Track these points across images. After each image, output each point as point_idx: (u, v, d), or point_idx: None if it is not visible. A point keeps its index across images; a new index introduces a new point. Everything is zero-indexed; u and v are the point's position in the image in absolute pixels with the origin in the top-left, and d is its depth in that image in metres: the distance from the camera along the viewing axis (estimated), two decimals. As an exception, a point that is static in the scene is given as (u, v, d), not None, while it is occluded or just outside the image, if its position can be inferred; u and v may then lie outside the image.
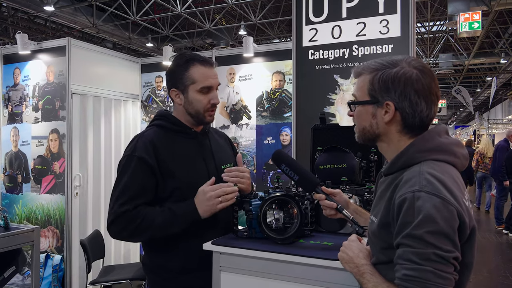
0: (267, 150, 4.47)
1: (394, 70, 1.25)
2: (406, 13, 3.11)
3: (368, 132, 1.32)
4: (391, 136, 1.29)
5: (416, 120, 1.24)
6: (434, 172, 1.14)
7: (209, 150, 1.98)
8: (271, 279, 1.61)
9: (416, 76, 1.23)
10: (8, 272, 2.29)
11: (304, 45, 3.42)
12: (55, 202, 4.27)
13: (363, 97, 1.31)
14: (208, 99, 1.90)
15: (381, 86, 1.26)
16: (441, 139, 1.25)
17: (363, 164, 2.31)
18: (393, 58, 1.29)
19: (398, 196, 1.14)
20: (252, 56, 4.56)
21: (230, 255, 1.67)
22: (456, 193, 1.12)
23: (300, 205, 1.71)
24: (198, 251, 1.74)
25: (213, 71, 1.92)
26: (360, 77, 1.33)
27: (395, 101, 1.24)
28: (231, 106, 4.69)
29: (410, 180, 1.15)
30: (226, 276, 1.68)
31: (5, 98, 4.68)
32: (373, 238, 1.28)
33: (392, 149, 1.30)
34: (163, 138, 1.90)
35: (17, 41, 4.42)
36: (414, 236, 1.07)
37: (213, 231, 1.85)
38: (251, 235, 1.75)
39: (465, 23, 9.60)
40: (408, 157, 1.23)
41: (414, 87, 1.22)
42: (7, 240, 2.26)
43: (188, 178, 1.86)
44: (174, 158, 1.86)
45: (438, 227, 1.06)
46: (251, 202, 1.76)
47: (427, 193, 1.09)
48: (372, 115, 1.30)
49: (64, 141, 4.24)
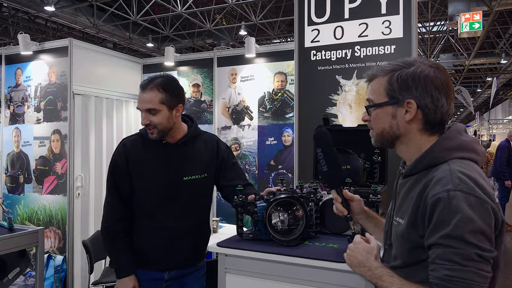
0: (269, 151, 4.47)
1: (411, 69, 1.26)
2: (408, 14, 3.10)
3: (388, 133, 1.31)
4: (412, 135, 1.28)
5: (438, 116, 1.25)
6: (465, 171, 1.14)
7: (176, 161, 2.09)
8: (276, 281, 1.60)
9: (434, 73, 1.24)
10: (13, 274, 2.29)
11: (306, 45, 3.41)
12: (57, 203, 4.26)
13: (380, 99, 1.30)
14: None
15: (401, 85, 1.26)
16: (462, 137, 1.25)
17: (367, 165, 2.31)
18: (406, 59, 1.30)
19: (431, 195, 1.14)
20: (254, 57, 4.56)
21: (235, 257, 1.66)
22: (488, 190, 1.13)
23: (305, 207, 1.71)
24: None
25: (142, 95, 2.03)
26: (374, 80, 1.33)
27: (417, 99, 1.24)
28: (233, 106, 4.69)
29: (442, 179, 1.15)
30: (232, 278, 1.68)
31: (7, 99, 4.67)
32: (399, 240, 1.27)
33: (412, 150, 1.29)
34: (139, 144, 2.12)
35: (19, 42, 4.42)
36: (454, 237, 1.07)
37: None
38: (256, 237, 1.75)
39: (465, 23, 9.60)
40: (434, 156, 1.23)
41: (434, 83, 1.24)
42: (12, 241, 2.25)
43: (143, 183, 2.07)
44: (138, 163, 2.08)
45: (477, 226, 1.07)
46: (256, 204, 1.76)
47: (462, 192, 1.10)
48: (392, 115, 1.29)
49: (66, 142, 4.24)
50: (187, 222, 2.14)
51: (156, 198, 2.09)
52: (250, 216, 1.77)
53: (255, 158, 4.55)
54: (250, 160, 4.56)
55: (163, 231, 2.10)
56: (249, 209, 1.77)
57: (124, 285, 2.07)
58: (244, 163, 4.59)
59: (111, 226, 2.12)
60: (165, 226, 2.10)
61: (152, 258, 2.12)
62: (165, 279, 2.12)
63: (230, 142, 4.67)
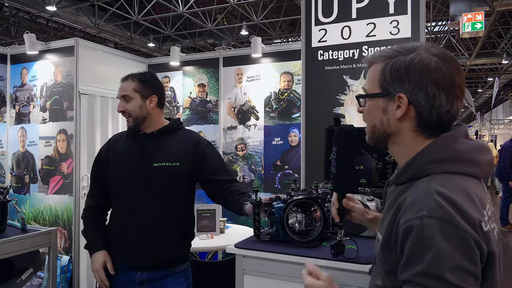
0: (275, 151, 4.46)
1: (409, 57, 1.05)
2: (416, 14, 3.11)
3: (379, 130, 1.12)
4: (404, 136, 1.08)
5: (434, 116, 1.03)
6: (445, 192, 0.93)
7: (149, 149, 2.15)
8: (295, 283, 1.60)
9: (436, 64, 1.02)
10: (26, 274, 2.28)
11: (313, 45, 3.41)
12: (63, 203, 4.25)
13: (373, 89, 1.11)
14: None
15: (394, 75, 1.06)
16: (457, 145, 1.02)
17: (379, 166, 2.31)
18: (411, 44, 1.08)
19: (403, 221, 0.95)
20: (260, 57, 4.55)
21: (253, 258, 1.66)
22: (472, 216, 0.92)
23: (323, 208, 1.70)
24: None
25: (120, 86, 2.19)
26: (371, 66, 1.13)
27: (409, 93, 1.04)
28: (239, 106, 4.68)
29: (417, 202, 0.95)
30: (250, 280, 1.67)
31: (12, 98, 4.66)
32: (379, 258, 1.09)
33: (403, 152, 1.09)
34: (124, 137, 2.26)
35: (25, 41, 4.41)
36: (429, 275, 0.89)
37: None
38: (273, 238, 1.75)
39: (467, 24, 9.60)
40: (417, 168, 1.03)
41: (432, 77, 1.02)
42: (25, 242, 2.25)
43: (117, 173, 2.17)
44: (116, 154, 2.21)
45: (457, 262, 0.88)
46: (273, 204, 1.75)
47: (438, 220, 0.90)
48: (383, 110, 1.09)
49: (72, 142, 4.22)
50: (160, 215, 2.10)
51: (128, 185, 2.14)
52: (267, 217, 1.76)
53: (261, 158, 4.53)
54: (256, 160, 4.55)
55: (135, 221, 2.09)
56: (266, 210, 1.76)
57: (95, 259, 2.12)
58: (250, 163, 4.58)
59: (84, 212, 2.27)
60: (137, 217, 2.09)
61: (122, 250, 2.12)
62: (137, 281, 2.09)
63: (236, 142, 4.66)
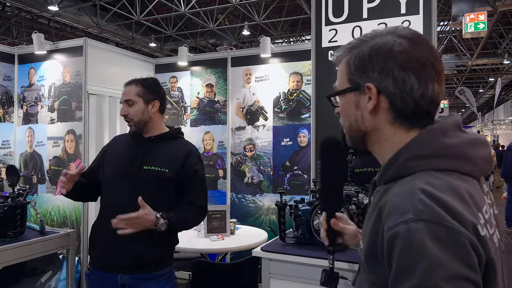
0: (284, 152, 4.44)
1: (371, 43, 0.94)
2: (428, 14, 3.09)
3: (354, 129, 1.00)
4: (382, 131, 0.96)
5: (409, 103, 0.91)
6: (430, 190, 0.81)
7: (142, 152, 2.18)
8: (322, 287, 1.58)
9: (399, 46, 0.91)
10: (45, 277, 2.26)
11: (323, 45, 3.40)
12: (71, 204, 4.22)
13: (343, 85, 1.00)
14: None
15: (357, 65, 0.95)
16: (446, 138, 0.89)
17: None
18: (376, 30, 0.98)
19: (387, 227, 0.82)
20: (269, 57, 4.53)
21: (280, 262, 1.64)
22: (465, 217, 0.79)
23: (349, 209, 1.69)
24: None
25: (123, 90, 2.24)
26: (340, 62, 1.01)
27: (377, 81, 0.92)
28: (247, 107, 4.66)
29: (399, 204, 0.82)
30: (276, 283, 1.65)
31: (20, 99, 4.63)
32: (363, 267, 0.96)
33: (387, 150, 0.95)
34: (125, 138, 2.30)
35: (33, 41, 4.38)
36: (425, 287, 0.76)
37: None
38: (299, 241, 1.73)
39: (470, 24, 9.61)
40: (398, 168, 0.90)
41: (397, 59, 0.91)
42: (44, 245, 2.23)
43: (107, 171, 2.21)
44: (111, 154, 2.26)
45: (453, 270, 0.75)
46: (299, 207, 1.73)
47: (426, 222, 0.77)
48: (355, 105, 0.97)
49: (80, 142, 4.20)
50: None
51: (115, 185, 2.17)
52: (293, 220, 1.74)
53: (270, 159, 4.51)
54: (265, 161, 4.53)
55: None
56: (292, 212, 1.74)
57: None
58: (258, 164, 4.56)
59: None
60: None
61: (103, 250, 2.13)
62: (118, 283, 2.07)
63: (245, 142, 4.64)
